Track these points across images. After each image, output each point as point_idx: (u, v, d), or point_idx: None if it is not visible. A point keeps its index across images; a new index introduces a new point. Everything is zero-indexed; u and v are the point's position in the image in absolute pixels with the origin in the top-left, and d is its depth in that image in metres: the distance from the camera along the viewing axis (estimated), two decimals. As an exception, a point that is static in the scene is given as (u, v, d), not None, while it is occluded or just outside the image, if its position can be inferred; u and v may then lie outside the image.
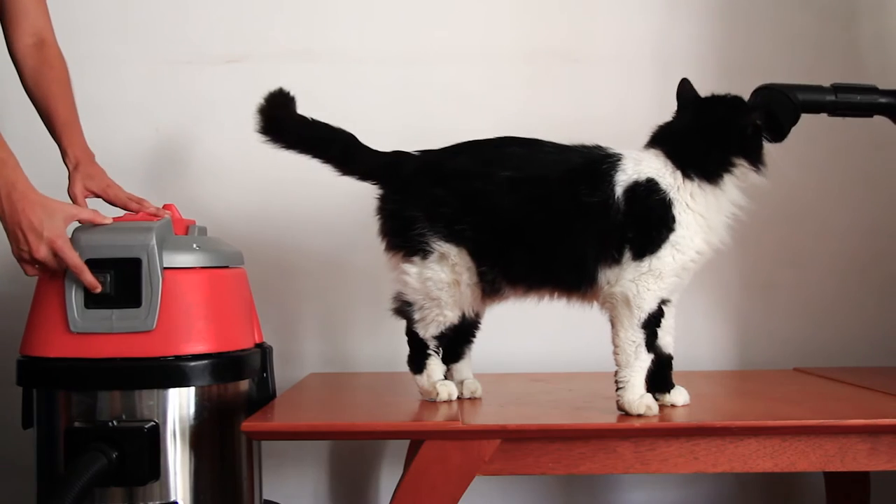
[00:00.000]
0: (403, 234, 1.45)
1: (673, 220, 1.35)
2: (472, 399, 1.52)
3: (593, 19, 2.03)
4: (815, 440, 1.33)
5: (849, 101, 1.47)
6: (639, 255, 1.35)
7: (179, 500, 1.44)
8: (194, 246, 1.51)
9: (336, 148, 1.52)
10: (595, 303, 1.42)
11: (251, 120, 2.01)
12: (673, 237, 1.35)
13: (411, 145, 1.52)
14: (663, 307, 1.38)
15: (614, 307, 1.37)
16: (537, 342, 1.98)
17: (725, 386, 1.74)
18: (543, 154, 1.43)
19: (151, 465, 1.41)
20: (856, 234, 2.05)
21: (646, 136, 1.44)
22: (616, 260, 1.36)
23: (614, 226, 1.36)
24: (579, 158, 1.41)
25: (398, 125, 1.98)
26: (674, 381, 1.43)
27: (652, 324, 1.36)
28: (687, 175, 1.37)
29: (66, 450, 1.41)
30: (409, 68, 2.02)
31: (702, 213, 1.36)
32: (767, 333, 2.04)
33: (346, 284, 2.00)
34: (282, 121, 1.53)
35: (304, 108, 1.99)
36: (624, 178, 1.37)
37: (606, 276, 1.37)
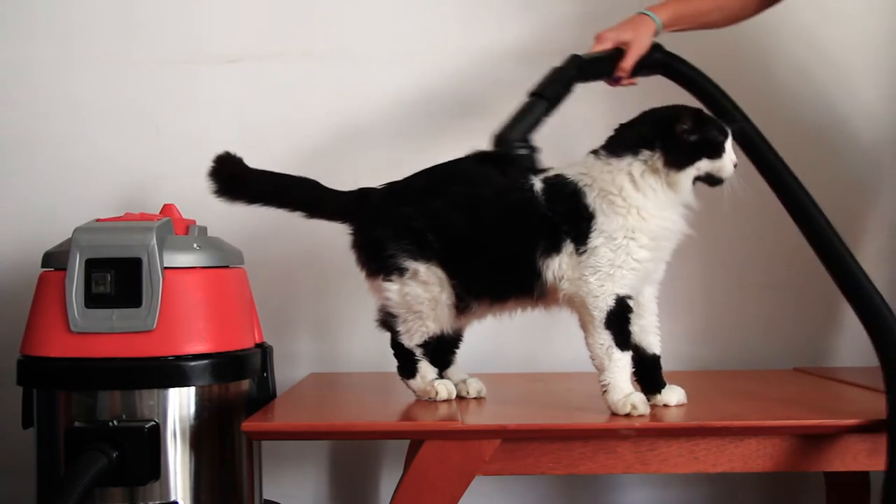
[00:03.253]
0: (378, 256, 1.46)
1: (586, 207, 1.36)
2: (473, 398, 1.52)
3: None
4: (814, 440, 1.33)
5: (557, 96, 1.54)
6: (578, 247, 1.36)
7: (179, 500, 1.44)
8: (194, 246, 1.51)
9: (301, 194, 1.54)
10: (558, 306, 1.42)
11: (251, 120, 2.03)
12: (595, 224, 1.35)
13: (412, 145, 1.52)
14: (628, 303, 1.36)
15: (578, 313, 1.38)
16: (538, 342, 1.98)
17: (725, 386, 1.74)
18: (489, 163, 1.45)
19: (151, 465, 1.41)
20: (856, 234, 2.05)
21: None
22: (554, 248, 1.37)
23: (542, 218, 1.37)
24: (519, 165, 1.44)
25: (399, 125, 1.98)
26: (671, 381, 1.43)
27: (615, 322, 1.35)
28: (594, 152, 1.40)
29: (66, 450, 1.42)
30: (409, 68, 2.02)
31: (617, 194, 1.35)
32: (767, 333, 2.04)
33: (346, 284, 1.99)
34: (238, 179, 1.55)
35: (303, 108, 2.00)
36: (540, 180, 1.40)
37: (551, 268, 1.37)
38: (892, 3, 1.87)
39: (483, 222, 1.41)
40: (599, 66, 1.60)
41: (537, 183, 1.40)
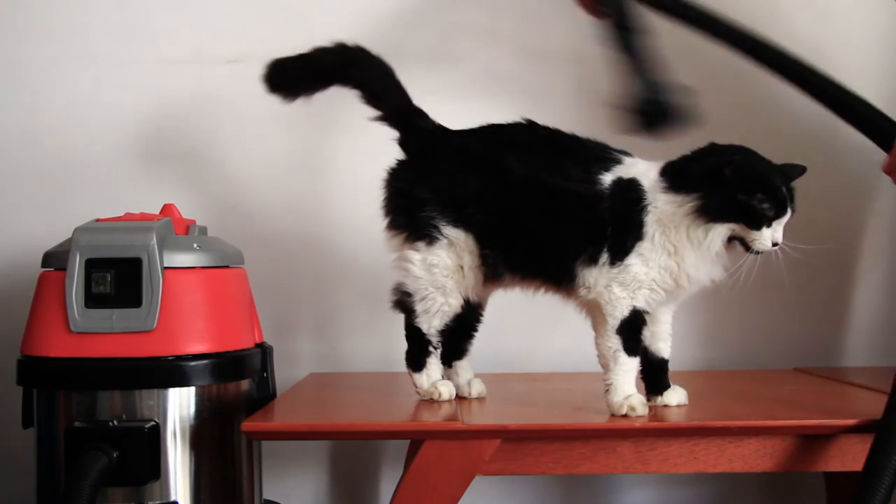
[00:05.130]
0: (410, 215, 1.44)
1: (641, 226, 1.33)
2: (474, 399, 1.52)
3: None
4: (814, 440, 1.33)
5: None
6: (613, 259, 1.34)
7: (179, 500, 1.44)
8: (195, 246, 1.51)
9: (367, 67, 1.52)
10: (573, 303, 1.42)
11: (251, 120, 2.02)
12: (639, 247, 1.34)
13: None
14: (643, 315, 1.36)
15: (592, 314, 1.38)
16: (538, 342, 1.98)
17: (725, 386, 1.74)
18: (558, 143, 1.42)
19: (151, 465, 1.41)
20: (855, 233, 2.05)
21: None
22: (593, 260, 1.35)
23: (598, 223, 1.35)
24: (588, 153, 1.40)
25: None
26: (673, 381, 1.43)
27: (627, 329, 1.34)
28: (661, 173, 1.36)
29: (66, 450, 1.41)
30: (406, 67, 2.01)
31: (673, 233, 1.33)
32: (767, 333, 2.04)
33: (346, 284, 2.00)
34: (297, 63, 1.57)
35: (301, 108, 2.00)
36: (611, 177, 1.37)
37: (584, 276, 1.36)
38: (893, 3, 1.87)
39: (539, 211, 1.38)
40: None
41: (607, 182, 1.36)
